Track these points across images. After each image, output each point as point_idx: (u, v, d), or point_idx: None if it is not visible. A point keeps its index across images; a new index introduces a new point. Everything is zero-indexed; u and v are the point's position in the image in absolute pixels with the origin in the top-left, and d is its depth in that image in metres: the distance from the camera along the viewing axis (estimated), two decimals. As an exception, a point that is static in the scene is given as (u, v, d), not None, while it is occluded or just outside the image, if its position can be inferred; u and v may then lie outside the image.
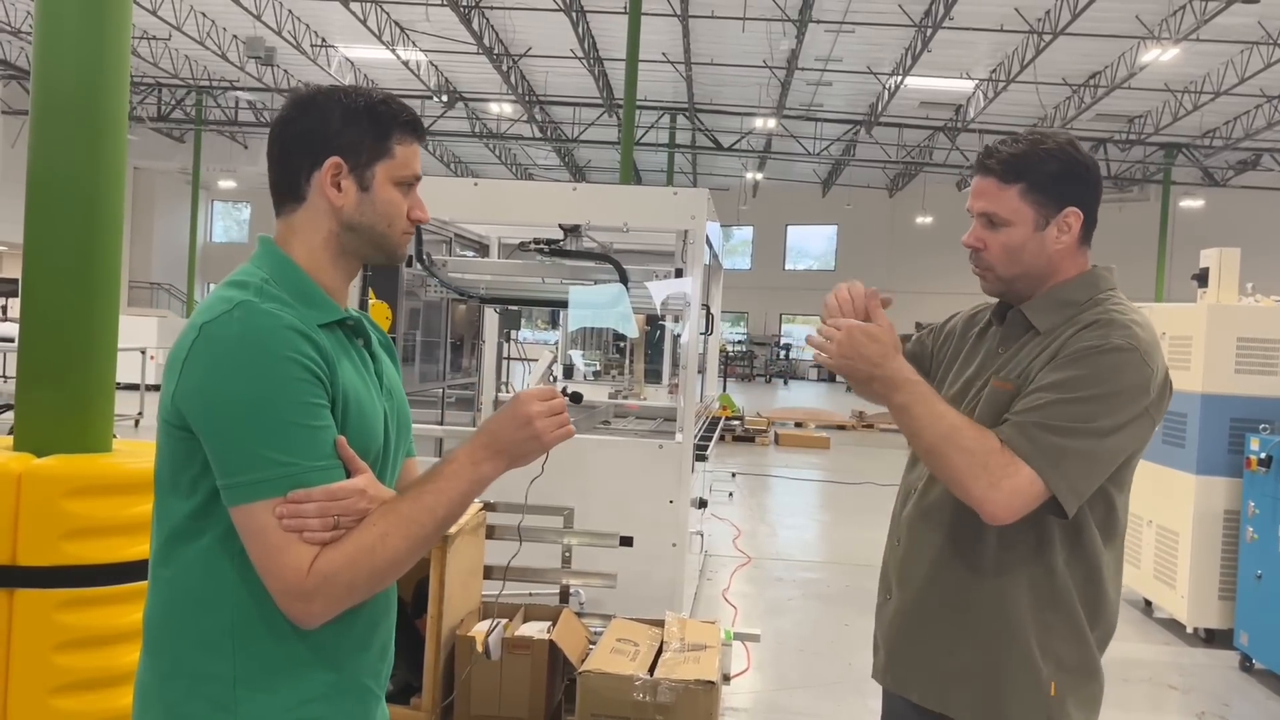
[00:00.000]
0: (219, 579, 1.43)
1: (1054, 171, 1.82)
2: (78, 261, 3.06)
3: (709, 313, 6.20)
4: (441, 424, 6.12)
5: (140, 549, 2.86)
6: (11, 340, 12.80)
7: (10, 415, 3.21)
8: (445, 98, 25.17)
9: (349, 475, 1.43)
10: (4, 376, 13.24)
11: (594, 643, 3.96)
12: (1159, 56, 18.03)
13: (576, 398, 6.30)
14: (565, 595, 4.44)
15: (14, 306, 22.74)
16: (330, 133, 1.52)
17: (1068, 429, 1.70)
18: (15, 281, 20.98)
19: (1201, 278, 6.32)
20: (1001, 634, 1.84)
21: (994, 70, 21.29)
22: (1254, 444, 5.49)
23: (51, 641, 2.78)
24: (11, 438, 3.10)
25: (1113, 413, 1.72)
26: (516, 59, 22.35)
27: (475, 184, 5.67)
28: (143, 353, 14.19)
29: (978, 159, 1.90)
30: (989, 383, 1.89)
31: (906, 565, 1.97)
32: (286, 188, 1.55)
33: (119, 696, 2.84)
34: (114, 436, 3.22)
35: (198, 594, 1.44)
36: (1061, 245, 1.85)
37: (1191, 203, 29.92)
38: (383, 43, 20.86)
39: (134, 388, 13.78)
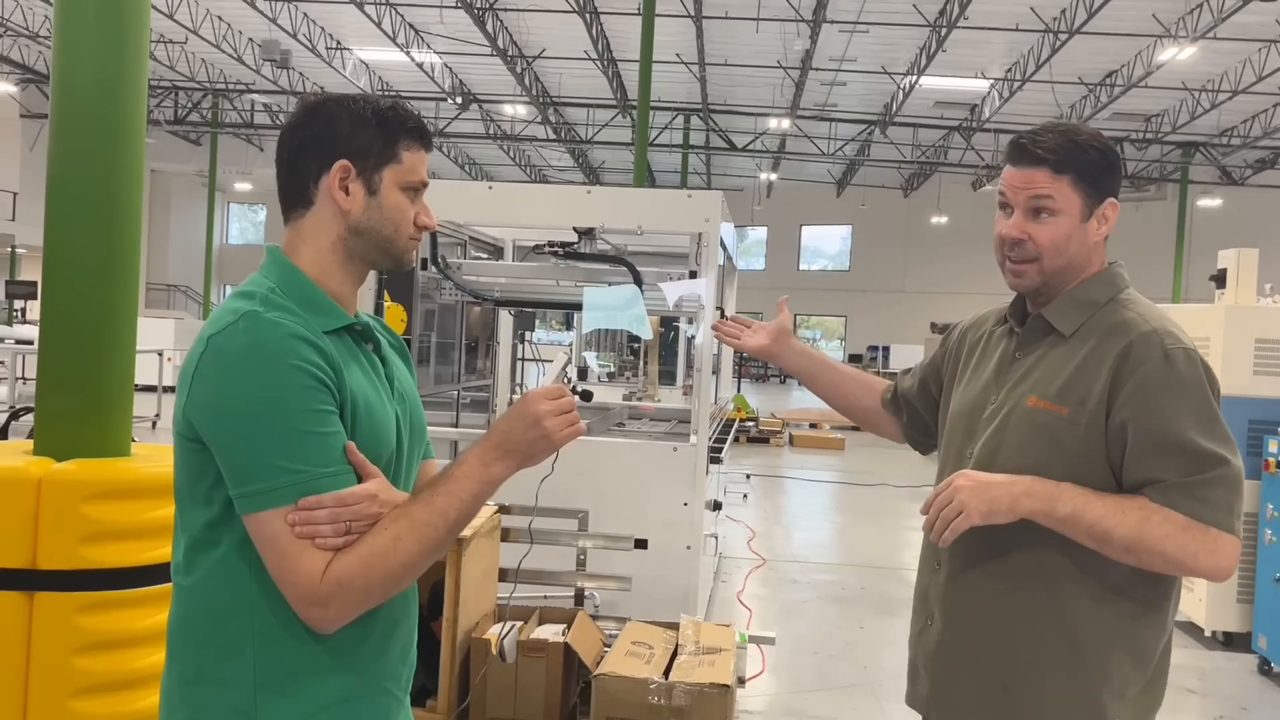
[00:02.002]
0: (238, 586, 1.44)
1: (1098, 162, 1.79)
2: (97, 266, 3.08)
3: (723, 314, 6.19)
4: (456, 426, 6.13)
5: (158, 553, 2.88)
6: (31, 342, 12.93)
7: (29, 419, 3.24)
8: (459, 100, 25.25)
9: (361, 480, 1.44)
10: (23, 378, 13.32)
11: (609, 645, 3.96)
12: (1176, 55, 17.94)
13: (586, 396, 6.27)
14: (580, 598, 4.44)
15: (32, 309, 22.93)
16: (339, 137, 1.53)
17: (1217, 479, 1.68)
18: (34, 284, 21.15)
19: (1219, 278, 6.28)
20: (1062, 669, 1.75)
21: (1009, 69, 21.21)
22: (1273, 446, 5.45)
23: (71, 645, 2.79)
24: (31, 442, 3.13)
25: (1224, 428, 1.71)
26: (530, 61, 22.38)
27: (490, 187, 5.69)
28: (159, 354, 14.28)
29: (1019, 148, 1.81)
30: (1019, 396, 1.82)
31: (951, 591, 1.88)
32: (295, 193, 1.56)
33: (138, 699, 2.86)
34: (133, 440, 3.25)
35: (218, 601, 1.45)
36: (1099, 238, 1.83)
37: (1209, 202, 29.75)
38: (397, 45, 20.94)
39: (151, 389, 13.87)
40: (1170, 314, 1.87)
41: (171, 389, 13.90)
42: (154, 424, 13.43)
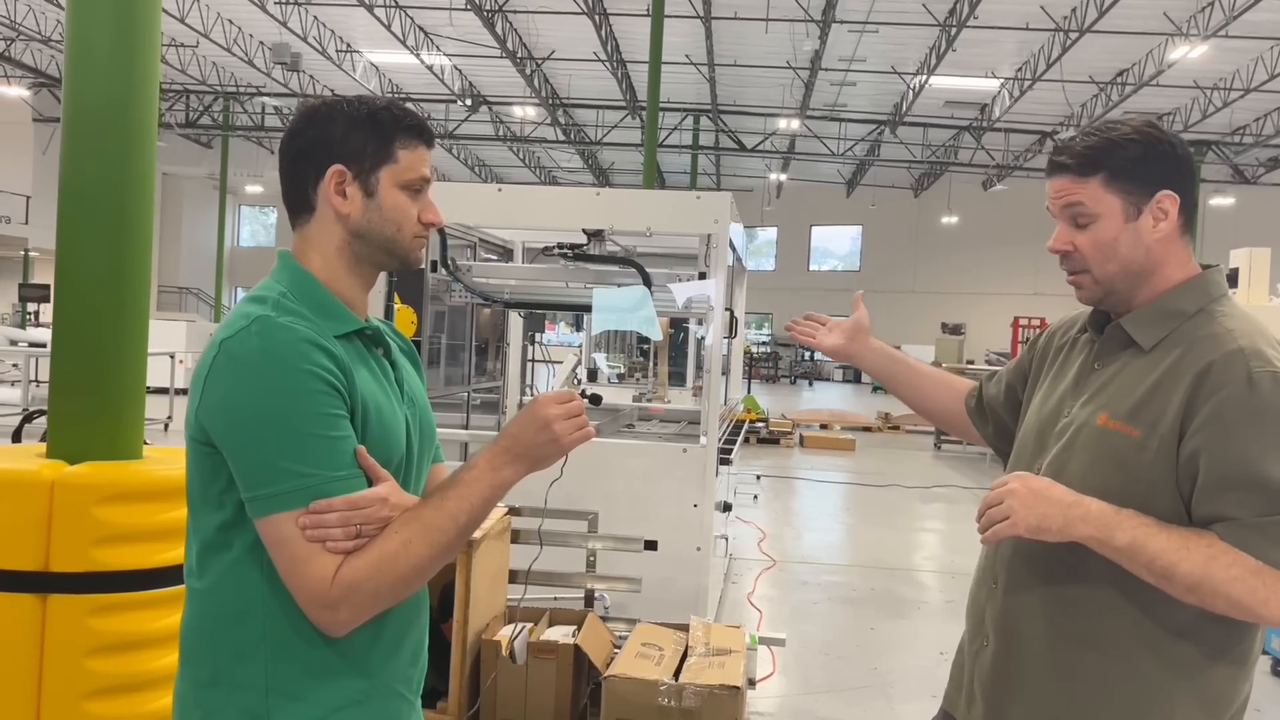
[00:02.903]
0: (250, 589, 1.45)
1: (1136, 155, 1.65)
2: (109, 269, 3.10)
3: (732, 316, 6.19)
4: (466, 428, 6.15)
5: (170, 555, 2.90)
6: (44, 345, 12.98)
7: (42, 422, 3.26)
8: (469, 101, 25.30)
9: (371, 484, 1.45)
10: (36, 381, 13.39)
11: (618, 647, 3.96)
12: (1187, 53, 17.88)
13: (596, 400, 6.31)
14: (590, 599, 4.45)
15: (45, 312, 23.05)
16: (333, 141, 1.53)
17: None
18: (46, 287, 21.25)
19: (1231, 278, 6.26)
20: (1119, 711, 1.65)
21: (1020, 69, 21.16)
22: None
23: (84, 646, 2.81)
24: (44, 445, 3.15)
25: None
26: (540, 62, 22.43)
27: (499, 189, 5.71)
28: (171, 357, 14.33)
29: (1049, 160, 1.72)
30: (1090, 412, 1.70)
31: (1012, 613, 1.76)
32: (297, 199, 1.57)
33: (150, 700, 2.88)
34: (145, 443, 3.26)
35: (230, 604, 1.46)
36: (1161, 234, 1.66)
37: (1221, 200, 29.61)
38: (407, 48, 21.01)
39: (163, 391, 13.93)
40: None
41: (183, 391, 13.98)
42: (166, 426, 13.49)
